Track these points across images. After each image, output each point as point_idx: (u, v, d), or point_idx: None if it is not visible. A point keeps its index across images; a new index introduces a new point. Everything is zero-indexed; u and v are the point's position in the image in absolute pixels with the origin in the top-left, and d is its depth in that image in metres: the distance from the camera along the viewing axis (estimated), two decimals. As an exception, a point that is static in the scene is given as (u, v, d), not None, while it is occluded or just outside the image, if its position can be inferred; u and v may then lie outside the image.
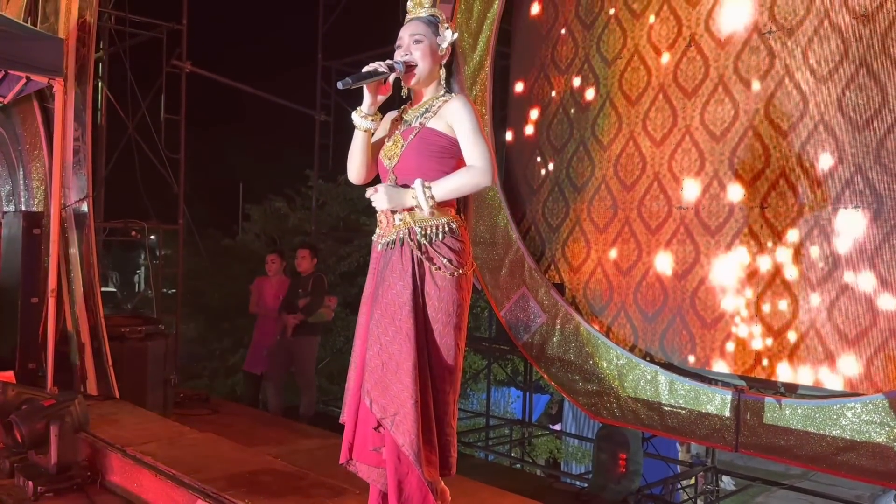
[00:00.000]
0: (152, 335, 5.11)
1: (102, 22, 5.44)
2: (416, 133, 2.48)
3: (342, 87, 2.38)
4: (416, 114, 2.54)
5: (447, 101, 2.48)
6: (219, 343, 9.74)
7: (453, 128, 2.44)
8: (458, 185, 2.42)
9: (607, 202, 4.83)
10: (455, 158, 2.47)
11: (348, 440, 2.63)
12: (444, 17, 2.52)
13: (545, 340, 4.93)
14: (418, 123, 2.49)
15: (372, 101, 2.49)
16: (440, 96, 2.52)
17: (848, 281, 3.79)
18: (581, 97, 5.00)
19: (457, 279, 2.49)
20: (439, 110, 2.47)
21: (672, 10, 4.53)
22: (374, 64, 2.45)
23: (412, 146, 2.48)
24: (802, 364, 3.92)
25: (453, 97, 2.48)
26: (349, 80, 2.38)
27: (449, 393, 2.52)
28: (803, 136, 3.97)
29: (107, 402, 4.51)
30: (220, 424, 4.87)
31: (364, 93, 2.48)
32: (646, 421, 4.42)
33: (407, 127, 2.53)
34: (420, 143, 2.47)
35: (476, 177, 2.40)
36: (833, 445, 3.70)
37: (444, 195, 2.41)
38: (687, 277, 4.40)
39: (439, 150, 2.46)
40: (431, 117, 2.47)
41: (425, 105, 2.52)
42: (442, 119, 2.46)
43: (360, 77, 2.41)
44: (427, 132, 2.46)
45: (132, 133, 6.26)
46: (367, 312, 2.60)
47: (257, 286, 6.28)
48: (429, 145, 2.46)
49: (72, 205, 4.74)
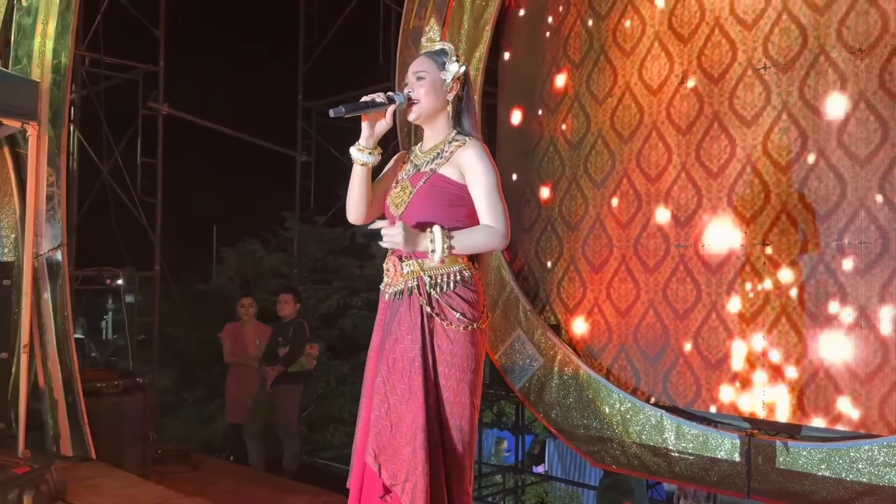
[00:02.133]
0: (129, 389, 4.86)
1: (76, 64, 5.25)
2: (427, 179, 2.32)
3: (334, 115, 2.22)
4: (427, 158, 2.39)
5: (461, 145, 2.33)
6: (194, 391, 9.40)
7: (466, 180, 2.29)
8: (477, 244, 2.26)
9: (602, 241, 4.72)
10: (466, 207, 2.31)
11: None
12: (452, 51, 2.39)
13: (543, 385, 4.77)
14: (429, 169, 2.35)
15: (369, 134, 2.33)
16: (453, 139, 2.38)
17: (856, 318, 3.70)
18: (572, 135, 4.91)
19: (471, 332, 2.33)
20: (452, 156, 2.32)
21: (663, 46, 4.49)
22: (373, 94, 2.31)
23: (422, 193, 2.33)
24: (814, 405, 3.80)
25: (468, 142, 2.33)
26: (342, 109, 2.21)
27: (464, 457, 2.34)
28: (803, 171, 3.91)
29: (82, 463, 4.25)
30: (202, 483, 4.62)
31: (362, 125, 2.34)
32: (652, 468, 4.26)
33: (416, 172, 2.38)
34: (430, 190, 2.32)
35: (494, 240, 2.25)
36: (850, 490, 3.57)
37: (462, 249, 2.24)
38: (689, 317, 4.29)
39: (450, 198, 2.31)
40: (443, 163, 2.32)
41: (437, 149, 2.37)
42: (454, 166, 2.30)
43: (356, 107, 2.25)
44: (438, 179, 2.31)
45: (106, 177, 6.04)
46: (373, 368, 2.42)
47: (231, 333, 6.04)
48: (439, 193, 2.31)
49: (45, 253, 4.51)
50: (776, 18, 4.03)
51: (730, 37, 4.20)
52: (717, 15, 4.25)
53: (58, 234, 4.54)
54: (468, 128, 2.38)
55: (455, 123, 2.39)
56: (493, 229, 2.24)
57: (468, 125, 2.39)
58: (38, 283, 4.53)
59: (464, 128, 2.39)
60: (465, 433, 2.31)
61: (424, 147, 2.43)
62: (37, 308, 4.53)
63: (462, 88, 2.38)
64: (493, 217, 2.24)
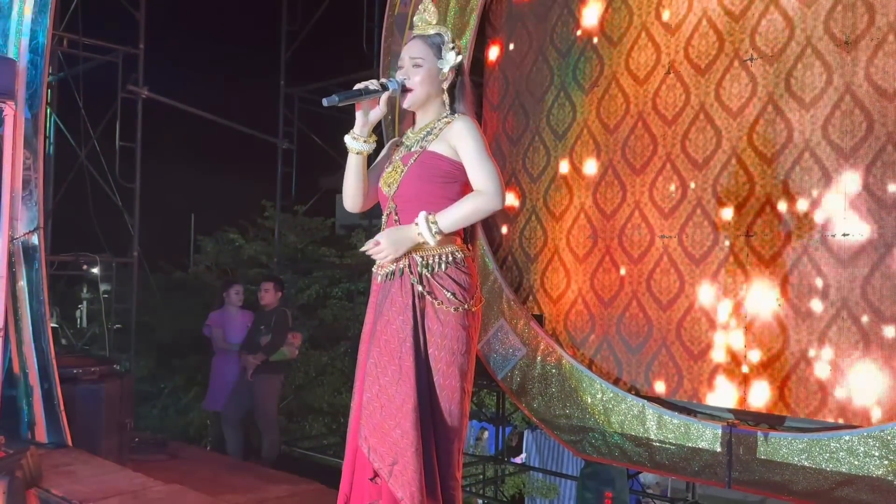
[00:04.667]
0: (107, 376, 4.78)
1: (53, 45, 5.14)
2: (417, 157, 2.30)
3: (328, 104, 2.19)
4: (417, 137, 2.36)
5: (450, 122, 2.31)
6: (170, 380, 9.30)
7: (457, 150, 2.26)
8: (466, 214, 2.25)
9: (587, 231, 4.71)
10: (459, 182, 2.29)
11: (344, 492, 2.41)
12: (448, 38, 2.35)
13: (525, 375, 4.76)
14: (419, 147, 2.32)
15: (364, 122, 2.30)
16: (443, 118, 2.36)
17: (838, 309, 3.72)
18: (557, 124, 4.90)
19: (462, 315, 2.31)
20: (441, 132, 2.30)
21: (650, 36, 4.48)
22: (366, 82, 2.28)
23: (412, 171, 2.31)
24: (795, 396, 3.83)
25: (457, 118, 2.30)
26: (335, 98, 2.19)
27: (454, 441, 2.32)
28: (788, 163, 3.93)
29: (58, 450, 4.17)
30: (180, 471, 4.56)
31: (356, 113, 2.31)
32: (633, 458, 4.27)
33: (407, 152, 2.36)
34: (421, 167, 2.29)
35: (485, 202, 2.23)
36: (831, 480, 3.60)
37: (451, 226, 2.23)
38: (672, 308, 4.30)
39: (442, 174, 2.29)
40: (433, 140, 2.30)
41: (426, 128, 2.35)
42: (444, 141, 2.28)
43: (349, 95, 2.23)
44: (428, 156, 2.29)
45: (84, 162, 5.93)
46: (365, 350, 2.39)
47: (219, 321, 5.96)
48: (430, 170, 2.28)
49: (21, 237, 4.42)
50: (763, 10, 4.03)
51: (717, 27, 4.20)
52: (704, 6, 4.25)
53: (34, 218, 4.45)
54: (461, 112, 2.36)
55: (450, 108, 2.37)
56: (480, 194, 2.21)
57: (462, 109, 2.36)
58: (13, 266, 4.44)
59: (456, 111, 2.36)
60: (455, 418, 2.29)
61: (416, 129, 2.41)
62: (12, 292, 4.44)
63: (457, 76, 2.36)
64: (484, 178, 2.21)
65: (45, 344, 4.41)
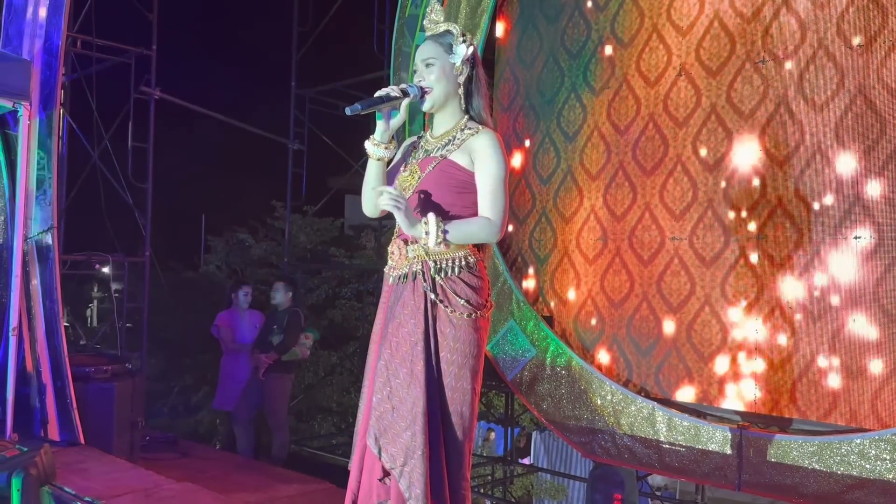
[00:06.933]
0: (119, 375, 4.81)
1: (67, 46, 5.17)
2: (436, 165, 2.32)
3: (350, 113, 2.22)
4: (438, 144, 2.37)
5: (473, 134, 2.32)
6: (180, 380, 9.35)
7: (476, 167, 2.30)
8: (472, 234, 2.28)
9: (597, 233, 4.72)
10: (474, 194, 2.31)
11: (352, 491, 2.43)
12: (458, 31, 2.36)
13: (535, 376, 4.76)
14: (439, 155, 2.34)
15: (385, 128, 2.33)
16: (465, 126, 2.36)
17: (850, 313, 3.71)
18: (567, 126, 4.90)
19: (474, 319, 2.33)
20: (464, 143, 2.32)
21: (661, 38, 4.48)
22: (387, 88, 2.30)
23: (430, 178, 2.33)
24: (806, 398, 3.82)
25: (481, 131, 2.32)
26: (358, 107, 2.22)
27: (463, 443, 2.34)
28: (800, 165, 3.92)
29: (71, 448, 4.20)
30: (191, 470, 4.59)
31: (376, 119, 2.33)
32: (643, 459, 4.27)
33: (426, 156, 2.37)
34: (440, 175, 2.31)
35: (489, 233, 2.27)
36: (841, 483, 3.59)
37: (456, 238, 2.25)
38: (682, 310, 4.29)
39: (458, 184, 2.31)
40: (454, 150, 2.32)
41: (449, 135, 2.36)
42: (465, 153, 2.30)
43: (371, 103, 2.25)
44: (448, 164, 2.31)
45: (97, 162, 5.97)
46: (376, 351, 2.41)
47: (228, 321, 5.99)
48: (448, 179, 2.31)
49: (35, 236, 4.45)
50: (775, 11, 4.03)
51: (728, 29, 4.20)
52: (716, 7, 4.25)
53: (48, 217, 4.48)
54: (478, 108, 2.37)
55: (466, 105, 2.38)
56: (489, 221, 2.25)
57: (478, 106, 2.37)
58: (27, 265, 4.48)
59: (474, 109, 2.37)
60: (466, 419, 2.31)
61: (436, 133, 2.42)
62: (26, 291, 4.48)
63: (472, 69, 2.36)
64: (493, 209, 2.25)
65: (59, 342, 4.44)
